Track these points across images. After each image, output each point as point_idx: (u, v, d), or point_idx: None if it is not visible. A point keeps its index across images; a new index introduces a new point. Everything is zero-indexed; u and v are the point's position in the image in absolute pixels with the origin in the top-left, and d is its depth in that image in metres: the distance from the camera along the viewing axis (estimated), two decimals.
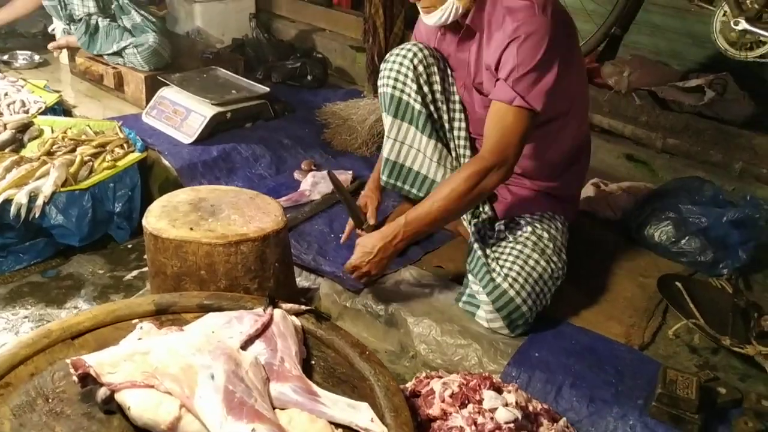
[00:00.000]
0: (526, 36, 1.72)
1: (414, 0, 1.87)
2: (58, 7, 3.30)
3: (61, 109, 3.06)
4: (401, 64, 1.97)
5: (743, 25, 2.49)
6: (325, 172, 2.69)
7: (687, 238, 2.23)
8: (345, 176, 2.68)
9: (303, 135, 3.04)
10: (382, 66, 2.02)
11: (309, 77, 3.61)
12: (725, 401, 1.64)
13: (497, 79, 1.79)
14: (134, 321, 1.60)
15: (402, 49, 1.99)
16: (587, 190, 2.52)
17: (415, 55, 1.96)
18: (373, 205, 2.14)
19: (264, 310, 1.52)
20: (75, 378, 1.30)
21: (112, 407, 1.27)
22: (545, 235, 1.91)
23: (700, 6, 2.68)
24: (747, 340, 1.81)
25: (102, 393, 1.26)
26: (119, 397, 1.26)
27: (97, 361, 1.31)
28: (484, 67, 1.87)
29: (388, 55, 2.03)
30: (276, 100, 3.13)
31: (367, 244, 1.88)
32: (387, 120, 2.02)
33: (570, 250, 1.98)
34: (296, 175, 2.73)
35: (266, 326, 1.49)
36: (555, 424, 1.53)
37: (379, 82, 2.03)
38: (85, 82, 3.41)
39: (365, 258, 1.87)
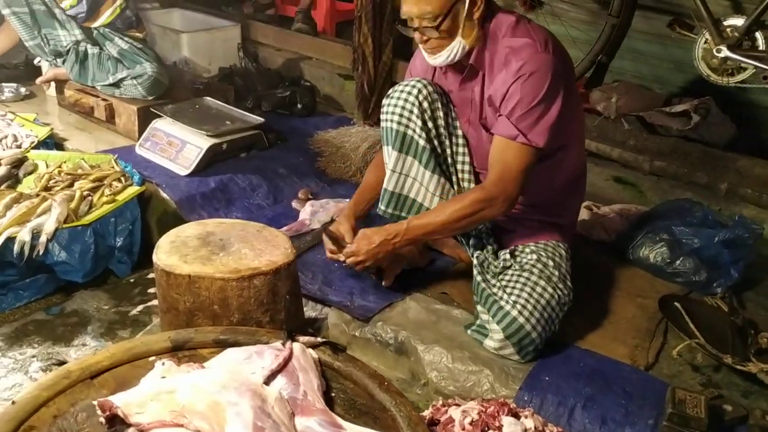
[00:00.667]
0: (530, 74, 1.78)
1: (420, 42, 1.91)
2: (42, 44, 3.26)
3: (52, 142, 3.05)
4: (406, 100, 2.00)
5: (725, 52, 2.60)
6: (323, 201, 2.73)
7: (681, 258, 2.29)
8: (342, 204, 2.70)
9: (297, 163, 3.06)
10: (386, 101, 2.05)
11: (299, 105, 3.64)
12: (732, 418, 1.69)
13: (500, 115, 1.84)
14: (151, 358, 1.60)
15: (407, 85, 2.02)
16: (581, 213, 2.58)
17: (419, 91, 1.99)
18: (348, 232, 2.17)
19: (283, 344, 1.54)
20: (102, 419, 1.30)
21: None
22: (550, 263, 1.96)
23: (682, 34, 2.78)
24: (747, 357, 1.87)
25: None
26: None
27: (124, 402, 1.32)
28: (487, 104, 1.92)
29: (391, 90, 2.06)
30: (269, 129, 3.16)
31: (370, 236, 2.00)
32: (391, 154, 2.04)
33: (570, 274, 2.03)
34: (294, 204, 2.76)
35: (287, 360, 1.50)
36: None
37: (383, 117, 2.06)
38: (74, 115, 3.39)
39: (365, 247, 1.99)
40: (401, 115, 2.00)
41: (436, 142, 2.02)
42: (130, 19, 3.36)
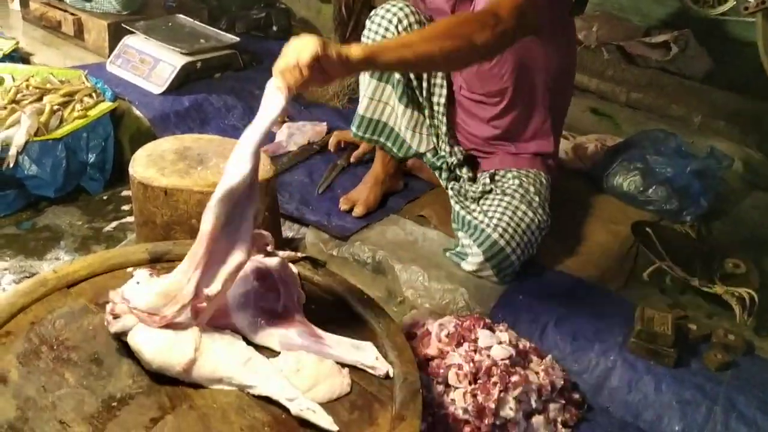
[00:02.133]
0: None
1: None
2: None
3: (18, 56, 2.93)
4: (387, 28, 1.95)
5: None
6: (300, 123, 2.69)
7: (653, 187, 2.34)
8: (320, 128, 2.68)
9: None
10: (367, 25, 2.00)
11: (274, 27, 3.55)
12: (696, 336, 1.76)
13: None
14: (129, 269, 1.60)
15: (387, 11, 1.97)
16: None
17: (400, 20, 1.94)
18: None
19: None
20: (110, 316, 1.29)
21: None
22: (531, 188, 1.98)
23: None
24: (712, 280, 1.94)
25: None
26: (131, 340, 1.27)
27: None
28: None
29: (372, 14, 2.01)
30: (244, 50, 3.08)
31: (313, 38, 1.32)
32: (370, 82, 2.02)
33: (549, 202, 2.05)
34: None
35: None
36: (543, 361, 1.62)
37: (363, 37, 2.02)
38: (39, 30, 3.26)
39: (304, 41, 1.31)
40: (383, 37, 1.95)
41: (411, 74, 1.98)
42: None
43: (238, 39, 3.02)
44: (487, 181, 2.04)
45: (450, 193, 2.04)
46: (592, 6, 3.16)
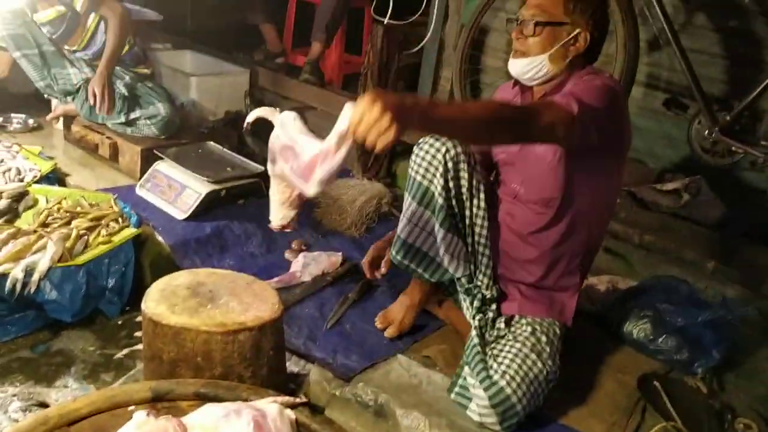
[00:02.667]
0: (593, 83, 1.87)
1: (515, 36, 1.98)
2: (51, 84, 3.35)
3: (55, 177, 3.09)
4: (434, 156, 2.00)
5: (716, 135, 2.67)
6: (316, 253, 2.76)
7: (664, 336, 2.31)
8: (335, 258, 2.74)
9: None
10: (415, 152, 2.04)
11: None
12: None
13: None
14: (130, 408, 1.62)
15: (436, 140, 2.01)
16: None
17: (447, 150, 1.99)
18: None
19: None
20: None
21: None
22: (543, 338, 1.98)
23: (676, 113, 2.86)
24: None
25: None
26: None
27: None
28: None
29: (422, 141, 2.03)
30: (268, 178, 3.20)
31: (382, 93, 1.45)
32: (410, 204, 2.06)
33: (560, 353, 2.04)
34: (287, 255, 2.79)
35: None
36: None
37: (410, 165, 2.06)
38: (78, 150, 3.45)
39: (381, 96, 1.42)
40: (426, 170, 2.01)
41: (454, 202, 2.03)
42: (138, 55, 3.47)
43: (263, 168, 3.15)
44: (502, 326, 2.05)
45: (475, 324, 2.04)
46: None
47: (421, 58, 4.21)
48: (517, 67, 1.99)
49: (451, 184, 2.01)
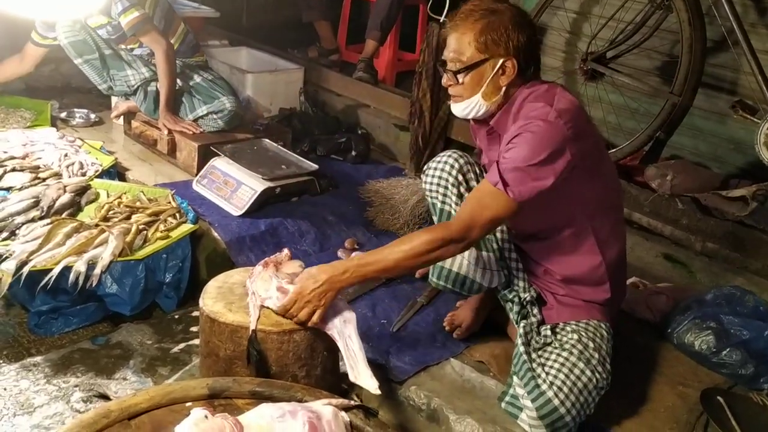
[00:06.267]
0: (532, 134, 1.77)
1: (445, 84, 1.96)
2: (112, 86, 3.42)
3: (115, 171, 3.17)
4: (440, 175, 2.05)
5: None
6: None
7: (728, 349, 2.23)
8: None
9: (346, 212, 3.11)
10: (427, 172, 2.09)
11: (353, 152, 3.70)
12: None
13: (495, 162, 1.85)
14: (188, 404, 1.64)
15: (442, 157, 2.08)
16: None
17: (455, 161, 2.05)
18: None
19: None
20: None
21: None
22: (591, 344, 1.93)
23: (744, 117, 2.75)
24: None
25: None
26: None
27: None
28: None
29: (431, 162, 2.10)
30: (322, 175, 3.22)
31: (315, 274, 1.82)
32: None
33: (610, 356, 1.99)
34: (340, 253, 2.79)
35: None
36: None
37: (426, 188, 2.10)
38: (137, 145, 3.53)
39: (310, 286, 1.78)
40: (437, 191, 2.06)
41: None
42: (192, 42, 3.54)
43: (317, 167, 3.17)
44: (548, 333, 2.01)
45: (520, 331, 2.01)
46: (667, 149, 3.16)
47: None
48: (458, 110, 1.97)
49: (466, 195, 2.01)
